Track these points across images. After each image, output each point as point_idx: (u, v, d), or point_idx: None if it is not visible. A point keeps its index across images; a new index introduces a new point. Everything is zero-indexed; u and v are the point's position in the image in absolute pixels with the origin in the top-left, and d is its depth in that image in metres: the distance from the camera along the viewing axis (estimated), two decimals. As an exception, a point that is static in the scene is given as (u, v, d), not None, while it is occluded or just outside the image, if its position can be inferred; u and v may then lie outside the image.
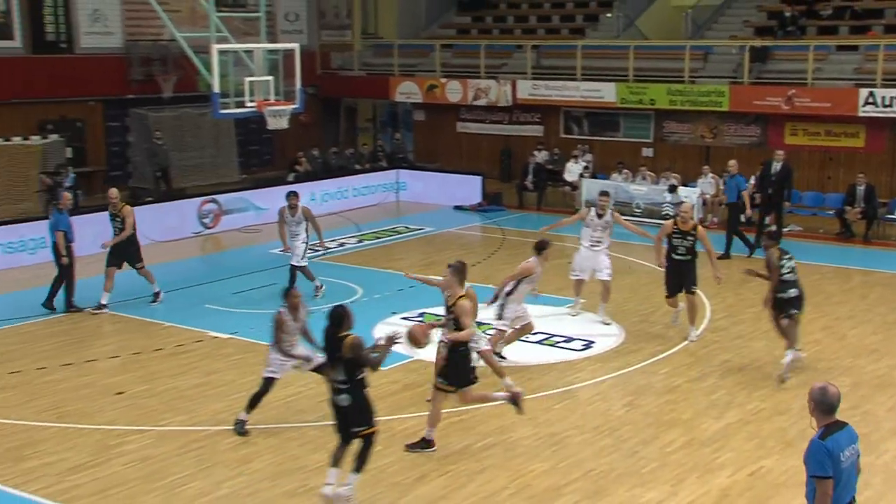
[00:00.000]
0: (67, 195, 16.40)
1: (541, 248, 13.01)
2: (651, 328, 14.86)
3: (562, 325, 14.75)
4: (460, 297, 10.29)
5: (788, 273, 12.52)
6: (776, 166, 20.10)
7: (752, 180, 21.05)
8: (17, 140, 22.53)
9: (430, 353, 13.43)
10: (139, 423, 11.14)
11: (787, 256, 12.61)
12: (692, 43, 26.12)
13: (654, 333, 14.58)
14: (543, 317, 14.74)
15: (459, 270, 10.38)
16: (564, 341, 14.06)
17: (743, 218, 19.68)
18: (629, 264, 18.87)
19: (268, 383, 10.90)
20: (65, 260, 15.63)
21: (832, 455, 6.34)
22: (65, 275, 15.78)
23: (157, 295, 16.23)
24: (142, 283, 17.54)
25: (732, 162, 20.33)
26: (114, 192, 16.34)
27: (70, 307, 15.75)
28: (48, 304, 15.78)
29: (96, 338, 14.56)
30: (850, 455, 6.48)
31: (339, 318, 9.09)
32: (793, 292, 12.54)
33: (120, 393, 12.17)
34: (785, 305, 12.52)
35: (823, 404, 6.50)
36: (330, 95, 31.26)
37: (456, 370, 10.32)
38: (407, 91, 29.25)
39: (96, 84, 25.71)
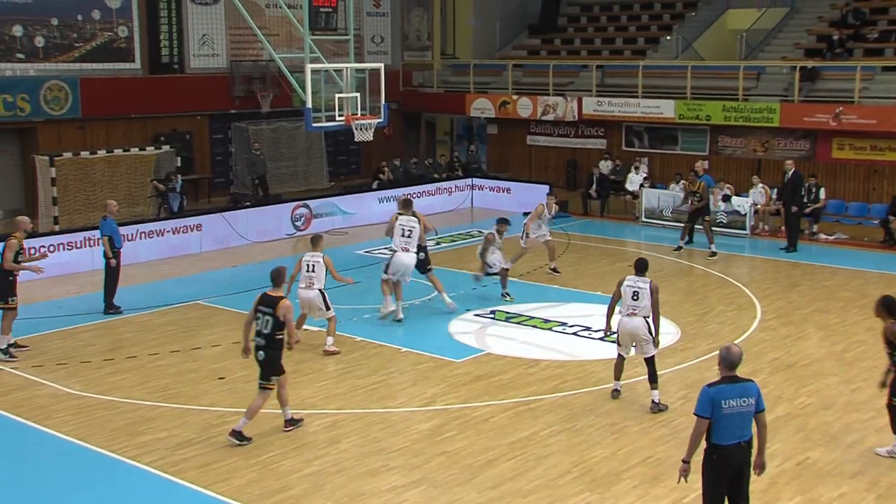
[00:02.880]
0: (113, 202, 15.75)
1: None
2: (705, 327, 14.65)
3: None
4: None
5: None
6: (787, 175, 20.20)
7: (773, 192, 21.34)
8: (135, 151, 23.00)
9: (500, 347, 13.51)
10: (238, 406, 11.30)
11: None
12: (746, 63, 25.67)
13: (707, 332, 14.37)
14: (604, 315, 14.67)
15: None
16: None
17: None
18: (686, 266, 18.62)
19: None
20: (112, 262, 15.32)
21: (713, 400, 7.23)
22: (110, 277, 15.45)
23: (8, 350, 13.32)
24: (241, 279, 17.84)
25: (699, 164, 21.40)
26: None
27: (110, 309, 15.51)
28: (109, 308, 15.47)
29: (202, 328, 14.82)
30: (735, 405, 7.25)
31: None
32: None
33: (222, 378, 12.38)
34: None
35: (725, 360, 7.40)
36: (411, 110, 31.36)
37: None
38: (481, 107, 29.25)
39: (203, 100, 26.11)
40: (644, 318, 11.17)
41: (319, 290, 13.35)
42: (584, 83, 28.16)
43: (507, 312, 15.36)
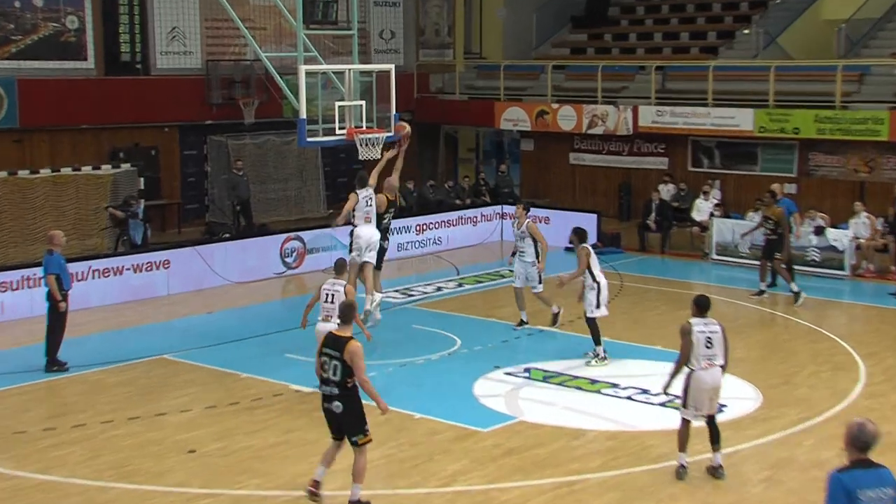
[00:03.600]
0: (59, 233, 15.83)
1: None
2: (794, 391, 14.54)
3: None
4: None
5: None
6: None
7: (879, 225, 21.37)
8: (86, 170, 23.11)
9: (537, 413, 13.45)
10: (212, 486, 11.27)
11: None
12: (845, 62, 25.67)
13: (796, 398, 14.25)
14: (666, 375, 14.61)
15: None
16: (692, 404, 13.88)
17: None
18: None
19: None
20: (61, 306, 15.33)
21: (848, 491, 6.83)
22: (55, 326, 15.43)
23: None
24: (217, 327, 17.92)
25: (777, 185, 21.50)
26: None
27: (53, 365, 15.49)
28: (52, 365, 15.46)
29: (167, 389, 14.85)
30: (874, 497, 6.84)
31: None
32: None
33: (192, 451, 12.38)
34: None
35: (857, 440, 7.03)
36: (428, 122, 31.55)
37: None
38: (514, 117, 29.38)
39: (172, 108, 26.38)
40: (721, 367, 11.14)
41: None
42: (640, 88, 28.27)
43: (545, 371, 15.32)
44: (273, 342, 17.08)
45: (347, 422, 10.47)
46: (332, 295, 13.91)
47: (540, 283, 17.30)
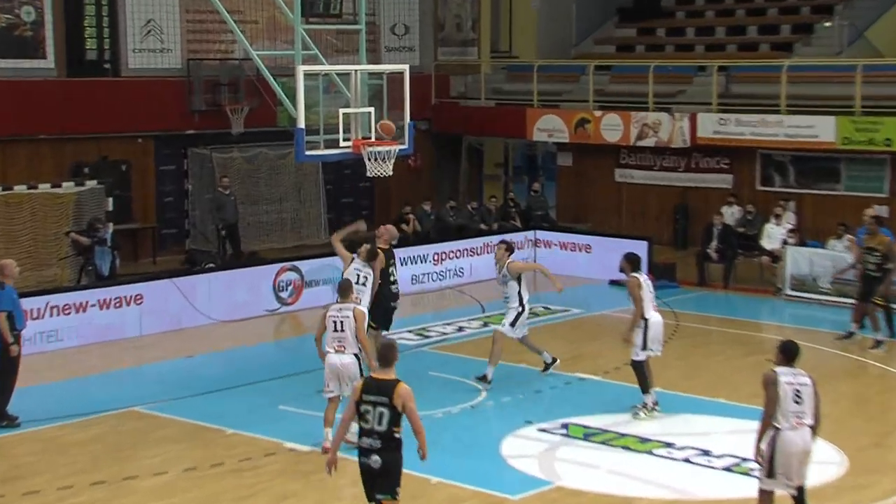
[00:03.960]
0: (11, 263, 15.80)
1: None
2: (888, 455, 14.41)
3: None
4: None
5: None
6: None
7: None
8: (44, 187, 23.10)
9: (577, 478, 13.34)
10: (190, 562, 11.24)
11: None
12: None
13: (891, 463, 14.11)
14: (731, 433, 14.52)
15: None
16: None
17: None
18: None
19: None
20: (13, 350, 15.28)
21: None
22: (5, 373, 15.38)
23: None
24: (199, 374, 17.90)
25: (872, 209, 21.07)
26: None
27: (2, 420, 15.46)
28: (1, 419, 15.43)
29: (138, 447, 14.78)
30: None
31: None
32: None
33: (166, 521, 12.34)
34: None
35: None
36: (448, 132, 31.60)
37: None
38: (549, 127, 29.36)
39: (147, 115, 26.47)
40: (811, 428, 11.02)
41: (355, 354, 14.11)
42: (699, 93, 28.24)
43: (586, 427, 15.22)
44: (264, 392, 17.02)
45: (382, 477, 10.72)
46: (341, 322, 14.07)
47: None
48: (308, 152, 18.46)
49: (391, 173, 19.43)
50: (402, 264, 24.10)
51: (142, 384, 17.66)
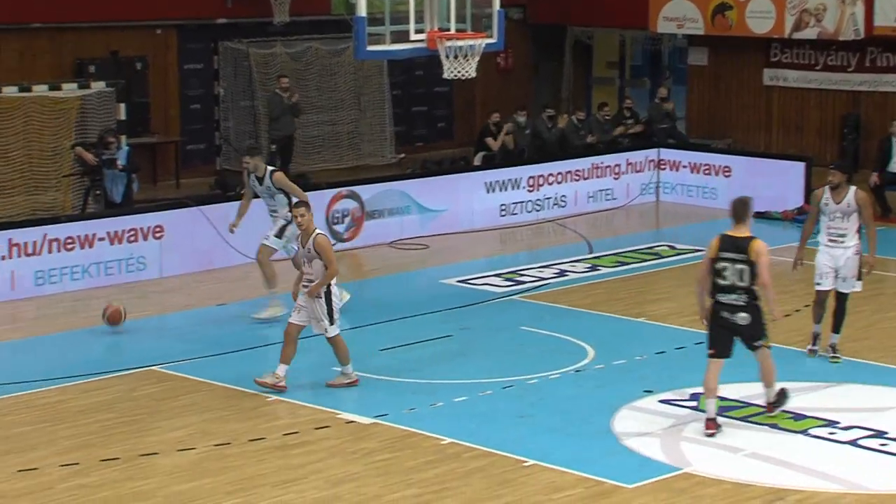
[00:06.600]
0: None
1: None
2: None
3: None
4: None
5: None
6: None
7: None
8: (40, 89, 23.28)
9: (711, 462, 13.29)
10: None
11: None
12: None
13: None
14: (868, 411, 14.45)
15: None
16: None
17: None
18: None
19: None
20: None
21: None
22: None
23: None
24: (232, 326, 18.04)
25: None
26: None
27: None
28: None
29: (158, 416, 14.91)
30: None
31: None
32: None
33: (196, 509, 12.48)
34: None
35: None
36: (547, 23, 31.46)
37: None
38: (678, 15, 29.15)
39: (167, 0, 26.56)
40: None
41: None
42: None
43: (723, 399, 15.09)
44: (315, 349, 17.07)
45: (751, 328, 13.77)
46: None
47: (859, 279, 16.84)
48: (370, 47, 18.46)
49: (474, 75, 19.39)
50: (488, 190, 24.24)
51: (162, 338, 17.88)
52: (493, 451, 13.64)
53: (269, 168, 18.31)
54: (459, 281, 20.60)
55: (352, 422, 14.49)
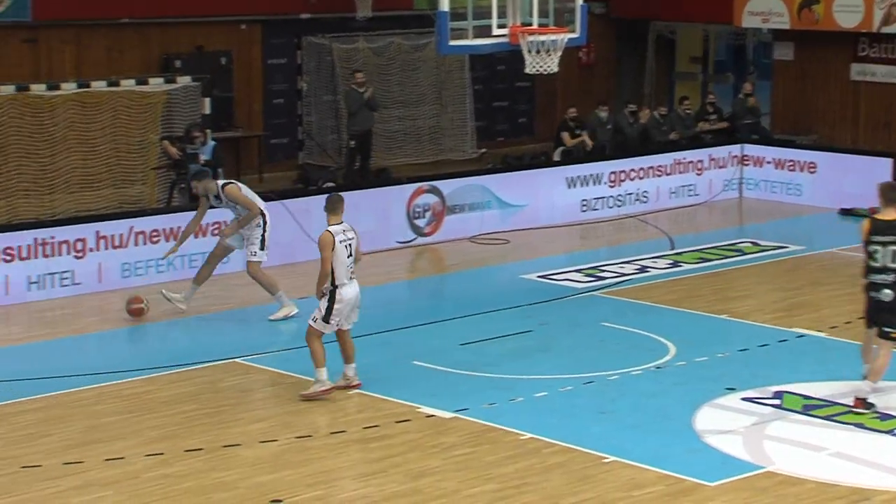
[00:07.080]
0: None
1: None
2: None
3: None
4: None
5: None
6: None
7: None
8: (128, 84, 23.46)
9: (794, 461, 13.21)
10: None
11: None
12: None
13: None
14: None
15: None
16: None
17: None
18: None
19: None
20: None
21: None
22: None
23: None
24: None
25: None
26: None
27: None
28: None
29: (241, 408, 15.05)
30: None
31: None
32: None
33: (277, 502, 12.53)
34: None
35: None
36: (629, 17, 31.35)
37: None
38: (764, 9, 28.97)
39: (252, -4, 26.75)
40: None
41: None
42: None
43: (807, 398, 15.05)
44: (395, 343, 17.13)
45: (890, 312, 14.25)
46: (348, 245, 15.29)
47: None
48: (453, 42, 18.48)
49: (556, 70, 19.35)
50: (569, 185, 24.21)
51: (245, 331, 17.99)
52: (574, 447, 13.63)
53: (220, 183, 18.54)
54: (540, 276, 20.60)
55: (432, 416, 14.54)
